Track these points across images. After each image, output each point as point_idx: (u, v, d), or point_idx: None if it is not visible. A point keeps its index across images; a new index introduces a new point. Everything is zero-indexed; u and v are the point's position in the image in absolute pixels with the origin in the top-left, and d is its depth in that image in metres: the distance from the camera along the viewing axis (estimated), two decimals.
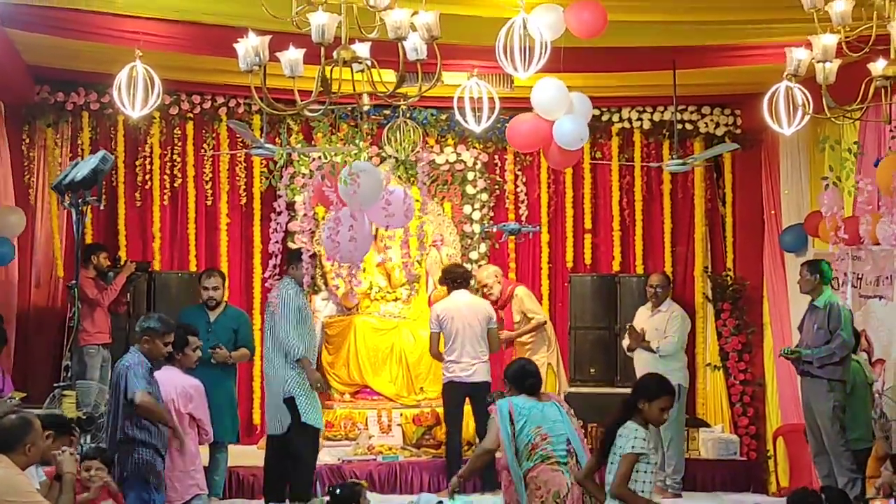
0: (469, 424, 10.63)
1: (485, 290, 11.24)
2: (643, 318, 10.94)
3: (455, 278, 10.73)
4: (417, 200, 9.94)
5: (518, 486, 7.17)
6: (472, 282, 11.34)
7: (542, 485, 7.07)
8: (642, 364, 10.68)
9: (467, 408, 10.54)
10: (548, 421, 7.28)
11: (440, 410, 10.87)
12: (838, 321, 9.30)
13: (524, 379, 7.54)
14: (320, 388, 9.70)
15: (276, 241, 8.50)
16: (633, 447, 6.08)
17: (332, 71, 5.58)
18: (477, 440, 10.42)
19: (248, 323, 10.41)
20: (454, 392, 10.42)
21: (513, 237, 11.90)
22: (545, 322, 11.42)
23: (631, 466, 6.09)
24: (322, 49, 5.38)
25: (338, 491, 7.32)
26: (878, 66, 6.32)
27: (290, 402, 9.39)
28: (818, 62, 6.18)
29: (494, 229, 11.94)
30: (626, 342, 10.97)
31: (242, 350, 10.04)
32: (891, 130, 8.53)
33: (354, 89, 5.77)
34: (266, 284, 9.30)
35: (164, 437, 7.64)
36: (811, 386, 9.49)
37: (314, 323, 10.57)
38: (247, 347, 10.13)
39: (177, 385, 8.07)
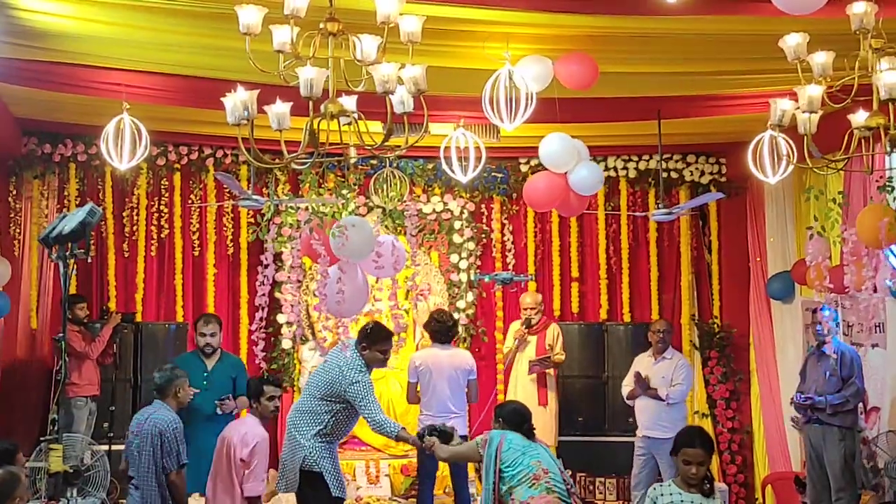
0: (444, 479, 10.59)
1: (529, 312, 11.34)
2: (645, 366, 10.78)
3: (439, 330, 10.39)
4: (406, 250, 9.92)
5: None
6: (460, 331, 11.34)
7: None
8: (645, 412, 10.61)
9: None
10: (545, 458, 7.30)
11: None
12: (851, 368, 9.27)
13: (521, 422, 7.57)
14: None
15: (263, 294, 8.48)
16: None
17: (319, 124, 5.61)
18: (450, 490, 10.38)
19: (245, 371, 10.21)
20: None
21: (504, 286, 11.92)
22: (562, 363, 11.47)
23: None
24: (310, 103, 5.40)
25: None
26: (858, 118, 6.37)
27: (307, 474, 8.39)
28: (803, 112, 6.22)
29: (486, 279, 11.95)
30: (626, 390, 10.82)
31: (243, 399, 9.60)
32: (876, 181, 8.57)
33: (342, 141, 5.80)
34: (252, 337, 9.20)
35: None
36: (821, 434, 9.39)
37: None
38: (246, 396, 9.65)
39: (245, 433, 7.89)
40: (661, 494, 6.02)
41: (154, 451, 7.41)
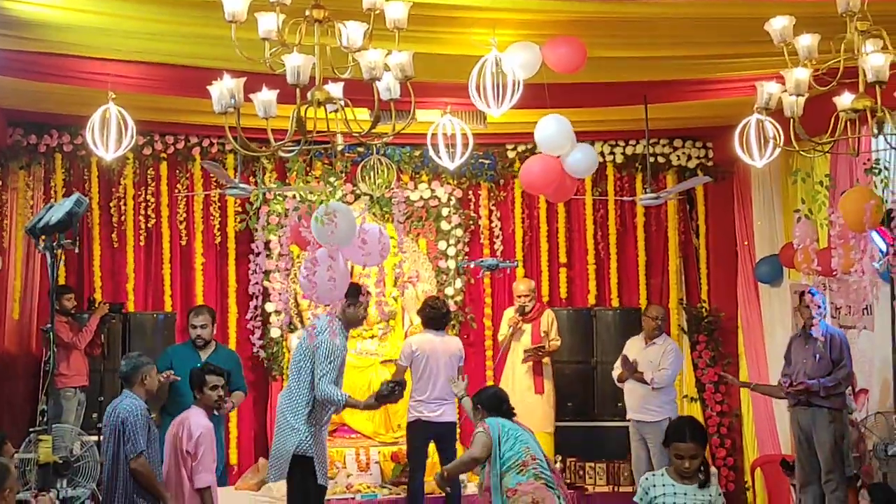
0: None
1: (523, 299, 11.40)
2: (635, 350, 10.79)
3: (433, 317, 10.36)
4: (393, 238, 9.92)
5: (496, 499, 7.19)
6: (452, 318, 11.37)
7: (540, 500, 7.08)
8: (633, 395, 10.66)
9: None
10: (532, 443, 7.32)
11: None
12: (840, 351, 9.28)
13: (500, 404, 7.63)
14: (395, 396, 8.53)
15: (257, 283, 8.46)
16: (636, 497, 6.09)
17: (306, 111, 5.60)
18: None
19: (240, 364, 9.96)
20: (420, 431, 10.22)
21: (490, 273, 11.92)
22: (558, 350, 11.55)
23: None
24: (297, 90, 5.39)
25: None
26: (843, 100, 6.39)
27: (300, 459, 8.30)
28: (791, 95, 6.23)
29: (472, 265, 11.95)
30: (616, 372, 10.85)
31: (238, 394, 9.50)
32: (864, 164, 8.59)
33: (329, 129, 5.79)
34: (248, 326, 9.16)
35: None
36: (811, 416, 9.40)
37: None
38: (241, 390, 9.62)
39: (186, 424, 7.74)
40: (654, 485, 5.96)
41: (117, 439, 7.31)
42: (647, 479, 6.07)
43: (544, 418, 11.36)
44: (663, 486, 5.93)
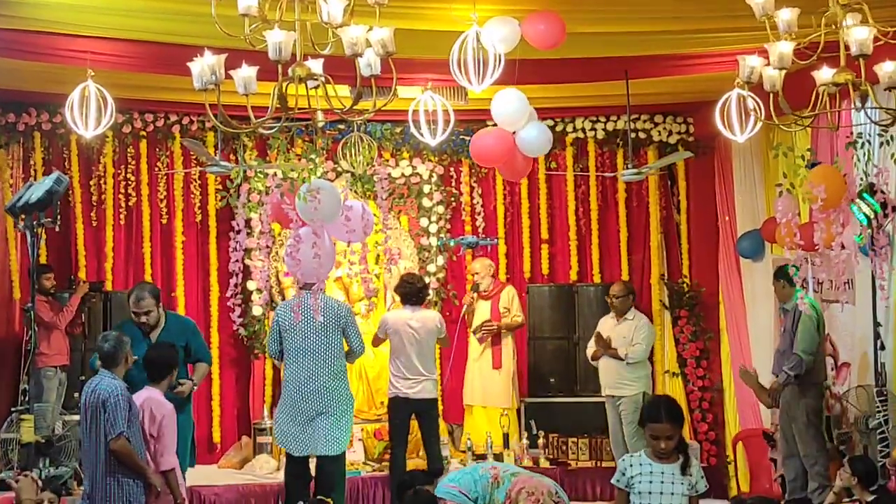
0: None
1: (476, 277, 11.62)
2: (608, 327, 10.83)
3: (409, 292, 10.38)
4: (376, 215, 9.91)
5: None
6: (431, 294, 11.40)
7: (533, 490, 7.11)
8: (608, 371, 10.69)
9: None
10: (485, 463, 7.37)
11: None
12: (795, 329, 9.29)
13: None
14: None
15: (237, 261, 8.41)
16: (613, 479, 5.96)
17: (286, 88, 5.57)
18: (423, 454, 10.46)
19: (197, 331, 9.11)
20: (399, 407, 10.27)
21: (471, 250, 11.95)
22: (523, 325, 11.75)
23: (620, 498, 5.88)
24: (279, 66, 5.36)
25: None
26: (822, 74, 6.39)
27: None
28: (774, 69, 6.23)
29: (452, 243, 11.97)
30: (590, 350, 10.87)
31: (202, 367, 8.84)
32: (847, 137, 8.60)
33: (310, 106, 5.76)
34: (228, 304, 9.10)
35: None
36: (787, 391, 9.48)
37: None
38: (204, 360, 8.89)
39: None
40: (631, 465, 5.85)
41: (98, 419, 7.22)
42: (624, 459, 5.96)
43: (502, 394, 11.49)
44: (640, 465, 5.83)
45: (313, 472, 9.27)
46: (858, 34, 6.00)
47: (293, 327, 9.07)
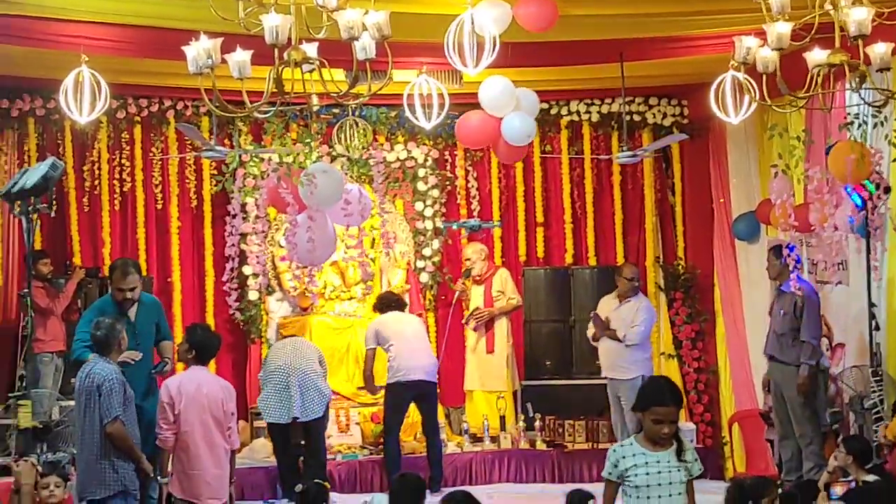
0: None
1: (467, 262, 11.68)
2: (608, 308, 10.85)
3: (388, 302, 10.73)
4: (372, 199, 9.94)
5: None
6: (427, 279, 11.46)
7: None
8: (607, 354, 10.73)
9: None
10: None
11: None
12: (798, 315, 9.27)
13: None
14: None
15: (233, 245, 8.42)
16: (604, 472, 5.53)
17: (281, 72, 5.58)
18: (421, 437, 10.52)
19: (163, 310, 8.99)
20: (398, 392, 10.36)
21: (472, 233, 12.00)
22: (520, 307, 11.76)
23: (609, 490, 5.49)
24: (275, 50, 5.36)
25: (307, 490, 7.34)
26: (815, 56, 6.39)
27: None
28: (773, 49, 6.23)
29: (454, 227, 11.99)
30: (590, 331, 10.91)
31: (168, 345, 8.62)
32: (846, 116, 8.59)
33: (305, 90, 5.76)
34: (224, 288, 9.09)
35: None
36: (780, 371, 9.49)
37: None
38: (167, 338, 8.66)
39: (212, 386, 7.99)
40: (623, 457, 5.44)
41: (93, 406, 7.25)
42: (615, 450, 5.53)
43: (496, 378, 11.52)
44: (633, 455, 5.43)
45: None
46: (857, 14, 6.00)
47: None
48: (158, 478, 7.69)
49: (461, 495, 6.06)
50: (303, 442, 9.88)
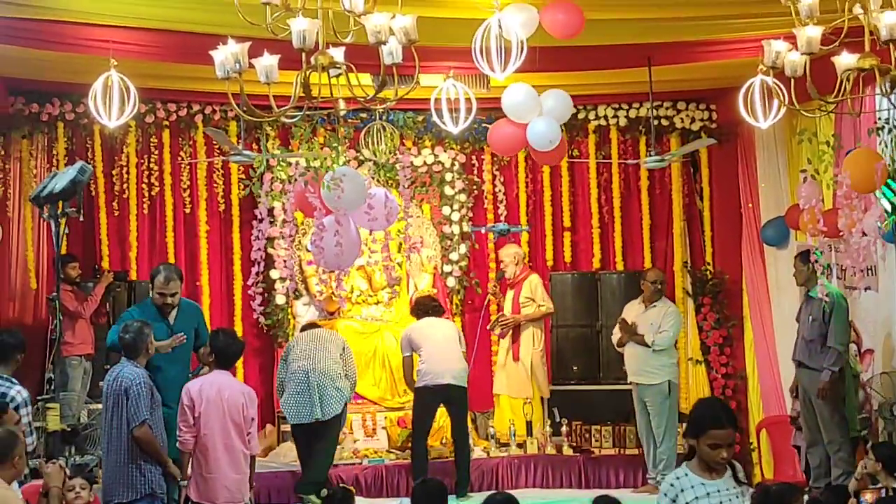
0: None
1: (501, 265, 11.67)
2: (635, 313, 10.79)
3: (426, 308, 10.67)
4: (399, 203, 9.94)
5: None
6: (454, 283, 11.44)
7: None
8: (633, 358, 10.67)
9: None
10: None
11: None
12: (827, 320, 9.23)
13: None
14: None
15: (259, 249, 8.43)
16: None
17: (308, 76, 5.58)
18: (448, 441, 10.50)
19: (203, 316, 9.27)
20: (427, 396, 10.36)
21: (501, 237, 11.98)
22: (551, 313, 11.66)
23: None
24: (303, 55, 5.37)
25: (333, 494, 7.34)
26: (843, 60, 6.35)
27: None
28: (803, 54, 6.19)
29: (482, 230, 11.99)
30: (616, 336, 10.87)
31: (205, 349, 8.65)
32: (876, 122, 8.53)
33: (332, 94, 5.77)
34: (249, 292, 9.10)
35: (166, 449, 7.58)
36: (809, 377, 9.44)
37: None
38: (204, 345, 8.71)
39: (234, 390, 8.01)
40: (682, 490, 4.97)
41: (120, 407, 7.31)
42: (671, 484, 5.04)
43: (520, 385, 11.46)
44: (692, 487, 4.97)
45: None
46: (889, 18, 5.94)
47: None
48: (180, 481, 7.71)
49: (502, 497, 6.02)
50: None
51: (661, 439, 10.48)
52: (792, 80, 6.38)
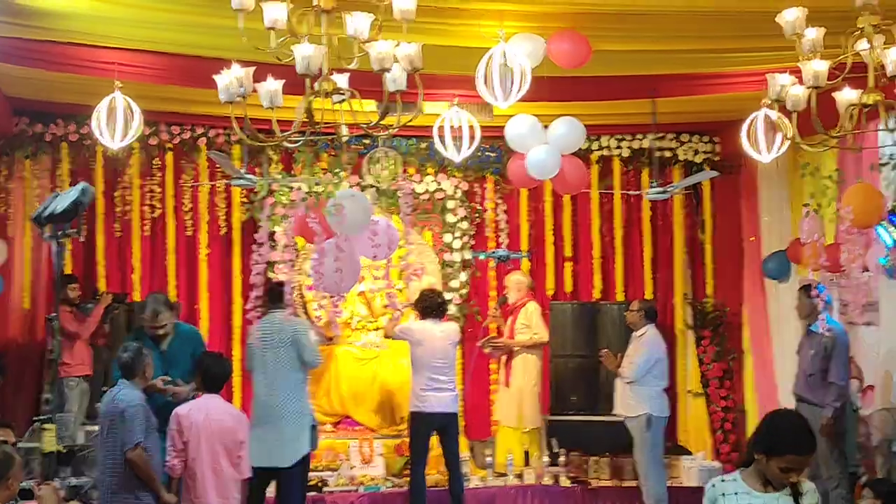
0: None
1: (504, 291, 11.72)
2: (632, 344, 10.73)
3: (429, 306, 10.37)
4: (400, 230, 9.91)
5: None
6: (455, 310, 11.40)
7: None
8: (617, 390, 10.60)
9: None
10: None
11: None
12: (831, 354, 9.21)
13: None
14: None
15: (258, 273, 8.41)
16: None
17: (312, 102, 5.59)
18: (444, 469, 10.40)
19: (203, 342, 9.13)
20: (420, 423, 10.19)
21: (501, 263, 11.97)
22: (545, 343, 11.63)
23: None
24: (307, 80, 5.37)
25: None
26: (844, 95, 6.36)
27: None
28: (808, 88, 6.20)
29: (482, 257, 11.97)
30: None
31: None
32: (879, 158, 8.55)
33: (335, 120, 5.77)
34: (247, 316, 9.06)
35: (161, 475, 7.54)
36: (808, 411, 9.39)
37: None
38: None
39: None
40: (724, 493, 4.66)
41: (115, 431, 7.27)
42: (714, 486, 4.75)
43: (509, 414, 11.39)
44: (736, 494, 4.66)
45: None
46: (894, 54, 5.96)
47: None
48: None
49: None
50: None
51: (645, 474, 10.36)
52: (795, 114, 6.39)
